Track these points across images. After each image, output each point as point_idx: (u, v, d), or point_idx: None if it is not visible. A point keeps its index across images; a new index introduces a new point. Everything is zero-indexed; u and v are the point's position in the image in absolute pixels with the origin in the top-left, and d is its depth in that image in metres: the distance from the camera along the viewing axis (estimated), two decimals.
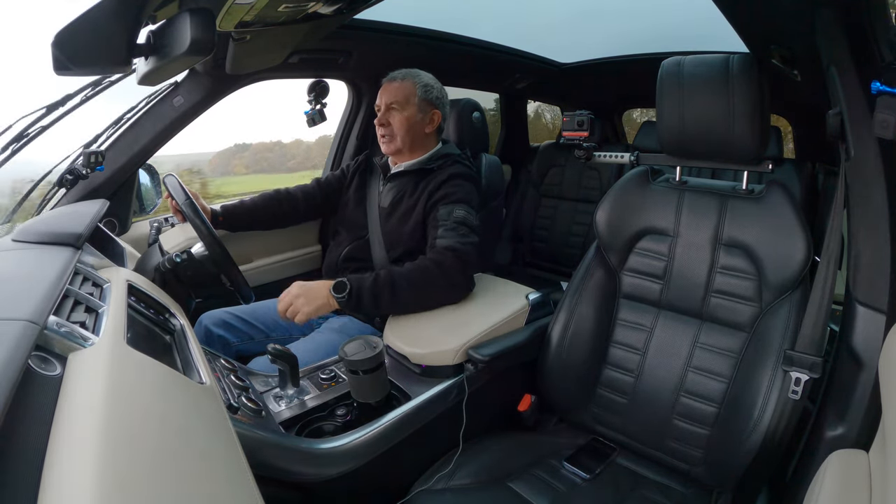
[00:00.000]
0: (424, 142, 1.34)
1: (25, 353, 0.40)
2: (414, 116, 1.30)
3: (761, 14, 0.90)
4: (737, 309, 0.98)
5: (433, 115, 1.32)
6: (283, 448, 0.83)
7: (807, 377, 0.84)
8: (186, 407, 0.52)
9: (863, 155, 0.78)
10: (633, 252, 1.10)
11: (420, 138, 1.33)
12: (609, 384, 1.10)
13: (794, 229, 0.92)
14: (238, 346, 1.31)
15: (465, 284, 1.19)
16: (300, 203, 1.47)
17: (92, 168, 1.23)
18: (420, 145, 1.34)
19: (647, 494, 0.96)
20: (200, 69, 1.35)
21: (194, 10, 0.68)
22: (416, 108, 1.30)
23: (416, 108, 1.30)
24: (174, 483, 0.39)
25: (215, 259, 1.01)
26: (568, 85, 2.48)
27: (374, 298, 1.08)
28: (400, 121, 1.30)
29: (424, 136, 1.33)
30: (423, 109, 1.31)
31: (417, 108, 1.30)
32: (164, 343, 0.71)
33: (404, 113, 1.29)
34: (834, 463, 0.66)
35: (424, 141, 1.34)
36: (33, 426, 0.37)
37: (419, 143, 1.33)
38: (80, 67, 0.70)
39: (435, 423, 0.98)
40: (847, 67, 0.77)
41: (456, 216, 1.21)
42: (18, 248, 0.73)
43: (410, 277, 1.10)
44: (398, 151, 1.33)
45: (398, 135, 1.30)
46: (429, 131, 1.33)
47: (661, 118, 1.03)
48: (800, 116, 2.07)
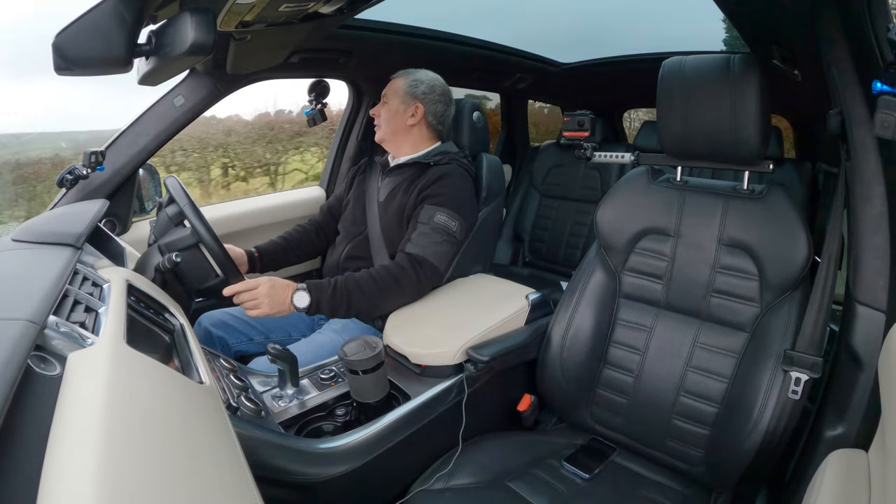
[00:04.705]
0: (409, 134, 1.36)
1: (25, 352, 0.40)
2: (396, 108, 1.34)
3: (762, 14, 0.90)
4: (737, 309, 0.98)
5: (416, 109, 1.34)
6: (283, 448, 0.83)
7: (807, 377, 0.85)
8: (186, 407, 0.52)
9: (863, 155, 0.78)
10: (634, 252, 1.10)
11: (402, 130, 1.35)
12: (609, 384, 1.10)
13: (794, 229, 0.92)
14: (237, 346, 1.31)
15: (418, 292, 1.22)
16: (331, 233, 1.48)
17: (92, 168, 1.23)
18: (404, 137, 1.36)
19: (647, 494, 0.96)
20: (201, 69, 1.35)
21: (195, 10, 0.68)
22: (399, 101, 1.34)
23: (399, 100, 1.34)
24: (173, 483, 0.39)
25: (216, 259, 1.01)
26: (568, 85, 2.48)
27: (332, 311, 1.13)
28: (385, 111, 1.35)
29: (407, 129, 1.35)
30: (405, 102, 1.34)
31: (401, 100, 1.34)
32: (164, 343, 0.71)
33: (389, 104, 1.35)
34: (833, 462, 0.66)
35: (409, 133, 1.36)
36: (33, 426, 0.37)
37: (402, 135, 1.36)
38: (81, 68, 0.70)
39: (434, 423, 0.98)
40: (847, 67, 0.77)
41: (436, 221, 1.22)
42: (18, 248, 0.73)
43: (365, 288, 1.14)
44: (382, 140, 1.38)
45: (382, 124, 1.36)
46: (411, 123, 1.35)
47: (662, 118, 1.03)
48: (800, 116, 2.07)
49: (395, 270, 1.17)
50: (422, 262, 1.19)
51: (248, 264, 1.31)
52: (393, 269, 1.18)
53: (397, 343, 1.08)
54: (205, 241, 0.99)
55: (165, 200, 1.06)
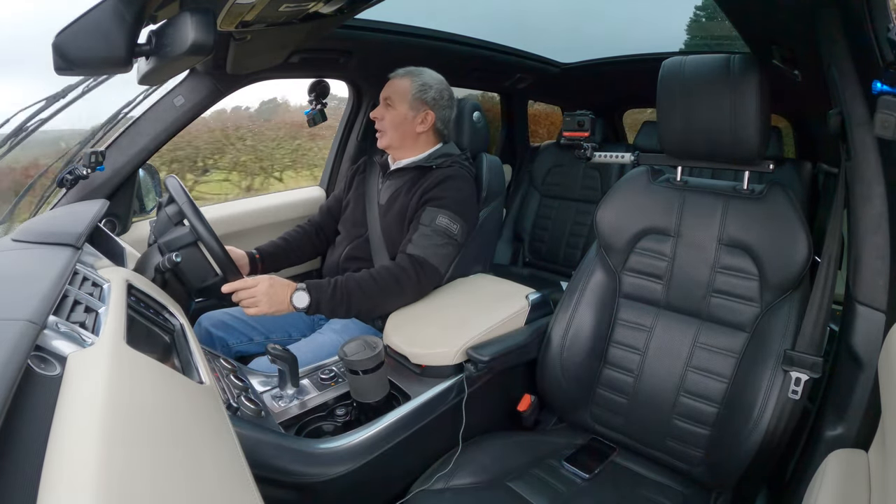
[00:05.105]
0: (417, 140, 1.33)
1: (25, 353, 0.40)
2: (404, 114, 1.30)
3: (762, 14, 0.90)
4: (737, 309, 0.98)
5: (426, 116, 1.31)
6: (283, 448, 0.83)
7: (807, 377, 0.85)
8: (186, 407, 0.52)
9: (863, 155, 0.78)
10: (634, 252, 1.10)
11: (410, 137, 1.32)
12: (609, 384, 1.10)
13: (795, 229, 0.92)
14: (238, 347, 1.31)
15: (419, 293, 1.21)
16: (331, 234, 1.48)
17: (92, 168, 1.23)
18: (412, 144, 1.33)
19: (647, 494, 0.96)
20: (201, 69, 1.35)
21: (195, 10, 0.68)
22: (407, 107, 1.30)
23: (407, 106, 1.30)
24: (173, 483, 0.39)
25: (215, 258, 1.01)
26: (568, 85, 2.48)
27: (332, 312, 1.12)
28: (391, 117, 1.30)
29: (416, 136, 1.32)
30: (415, 108, 1.30)
31: (409, 106, 1.30)
32: (164, 343, 0.71)
33: (396, 110, 1.30)
34: (833, 463, 0.66)
35: (417, 140, 1.33)
36: (33, 426, 0.37)
37: (410, 141, 1.33)
38: (81, 67, 0.70)
39: (434, 423, 0.98)
40: (847, 67, 0.77)
41: (438, 223, 1.22)
42: (18, 248, 0.73)
43: (365, 288, 1.13)
44: (389, 147, 1.34)
45: (388, 130, 1.31)
46: (420, 131, 1.32)
47: (662, 118, 1.03)
48: (800, 116, 2.07)
49: (397, 271, 1.17)
50: (423, 263, 1.19)
51: (249, 266, 1.31)
52: (394, 269, 1.17)
53: (397, 343, 1.08)
54: (203, 238, 0.99)
55: (165, 200, 1.06)
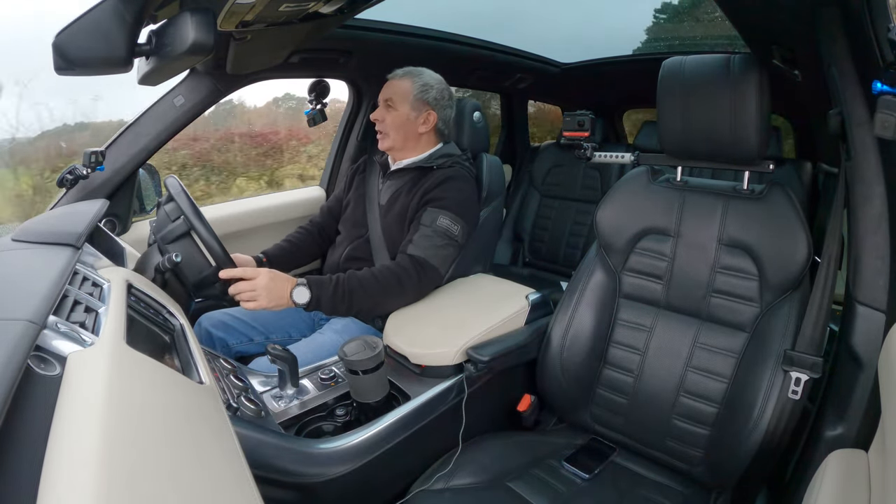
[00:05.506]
0: (419, 141, 1.33)
1: (25, 353, 0.40)
2: (407, 115, 1.29)
3: (762, 14, 0.90)
4: (737, 309, 0.98)
5: (428, 116, 1.30)
6: (283, 448, 0.83)
7: (807, 377, 0.85)
8: (186, 407, 0.52)
9: (863, 155, 0.78)
10: (634, 252, 1.10)
11: (413, 138, 1.32)
12: (609, 384, 1.10)
13: (795, 229, 0.92)
14: (238, 347, 1.31)
15: (419, 293, 1.22)
16: (333, 234, 1.47)
17: (92, 168, 1.23)
18: (414, 144, 1.33)
19: (647, 494, 0.96)
20: (201, 69, 1.35)
21: (195, 10, 0.68)
22: (409, 107, 1.29)
23: (409, 106, 1.29)
24: (173, 483, 0.39)
25: (208, 248, 1.01)
26: (568, 85, 2.48)
27: (332, 309, 1.11)
28: (393, 118, 1.30)
29: (418, 136, 1.32)
30: (416, 109, 1.30)
31: (411, 107, 1.29)
32: (164, 343, 0.71)
33: (398, 110, 1.29)
34: (833, 463, 0.67)
35: (419, 140, 1.33)
36: (33, 426, 0.37)
37: (412, 142, 1.32)
38: (81, 67, 0.70)
39: (434, 423, 0.98)
40: (847, 67, 0.77)
41: (438, 224, 1.21)
42: (18, 248, 0.73)
43: (367, 286, 1.13)
44: (391, 149, 1.34)
45: (390, 132, 1.31)
46: (422, 131, 1.32)
47: (662, 118, 1.03)
48: (800, 116, 2.07)
49: (398, 270, 1.17)
50: (423, 263, 1.19)
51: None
52: (395, 269, 1.17)
53: (397, 343, 1.08)
54: (196, 228, 0.99)
55: (165, 199, 1.06)
